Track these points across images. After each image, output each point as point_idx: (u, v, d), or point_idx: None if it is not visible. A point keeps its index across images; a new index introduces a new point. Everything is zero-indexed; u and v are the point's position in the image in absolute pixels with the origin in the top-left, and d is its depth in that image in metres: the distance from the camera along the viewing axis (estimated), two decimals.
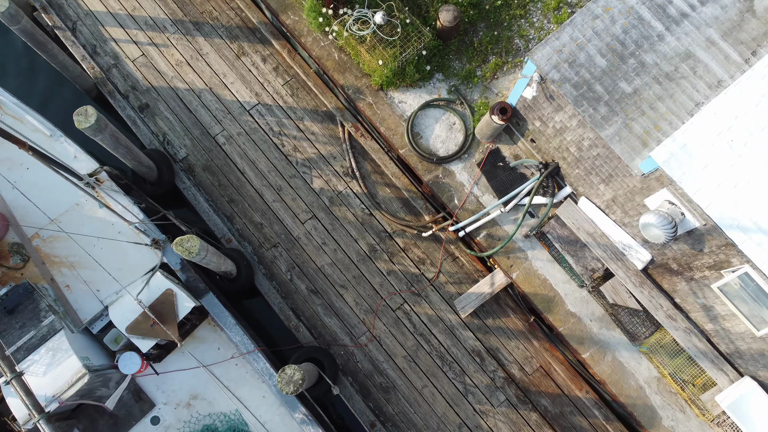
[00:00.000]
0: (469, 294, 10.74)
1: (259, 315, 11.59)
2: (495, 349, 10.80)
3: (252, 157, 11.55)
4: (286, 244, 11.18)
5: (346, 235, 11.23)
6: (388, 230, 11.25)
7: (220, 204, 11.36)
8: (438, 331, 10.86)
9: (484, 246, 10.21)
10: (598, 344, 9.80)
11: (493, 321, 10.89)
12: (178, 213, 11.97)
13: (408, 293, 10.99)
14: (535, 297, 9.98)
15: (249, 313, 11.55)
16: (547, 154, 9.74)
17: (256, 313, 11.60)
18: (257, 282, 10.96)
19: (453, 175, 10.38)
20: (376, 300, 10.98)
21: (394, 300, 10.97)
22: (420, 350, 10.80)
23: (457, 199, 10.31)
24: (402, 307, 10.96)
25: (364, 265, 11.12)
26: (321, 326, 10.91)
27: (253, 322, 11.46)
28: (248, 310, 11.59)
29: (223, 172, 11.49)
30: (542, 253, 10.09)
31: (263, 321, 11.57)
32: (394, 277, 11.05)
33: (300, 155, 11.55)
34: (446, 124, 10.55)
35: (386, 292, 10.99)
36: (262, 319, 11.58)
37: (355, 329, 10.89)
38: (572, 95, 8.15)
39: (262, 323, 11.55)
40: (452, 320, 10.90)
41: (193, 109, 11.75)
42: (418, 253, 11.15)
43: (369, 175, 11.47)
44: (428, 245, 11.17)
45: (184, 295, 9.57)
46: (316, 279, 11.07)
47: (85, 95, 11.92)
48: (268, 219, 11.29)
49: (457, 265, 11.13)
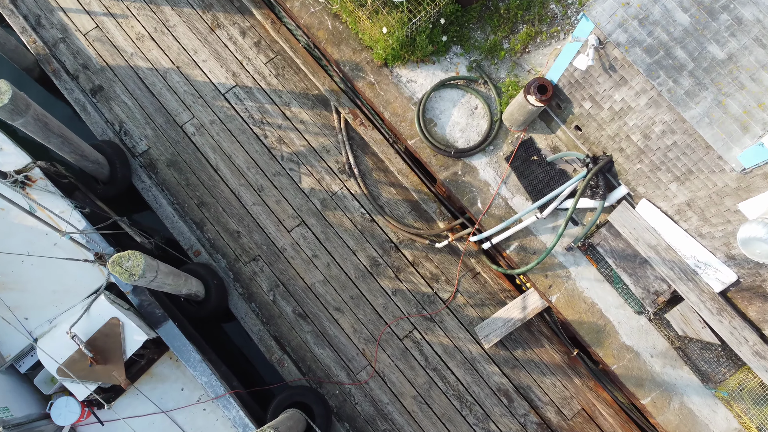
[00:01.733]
0: (494, 320, 8.67)
1: (234, 345, 9.51)
2: (526, 387, 8.72)
3: (228, 150, 9.48)
4: (268, 256, 9.11)
5: (342, 245, 9.16)
6: (394, 240, 9.18)
7: (187, 208, 9.28)
8: (455, 364, 8.78)
9: (514, 261, 8.13)
10: (661, 387, 7.72)
11: (523, 353, 8.81)
12: (136, 219, 9.89)
13: (418, 318, 8.92)
14: (580, 326, 7.90)
15: (223, 344, 9.47)
16: (597, 144, 7.66)
17: (231, 344, 9.51)
18: (232, 304, 8.89)
19: (475, 171, 8.31)
20: (379, 326, 8.91)
21: (402, 326, 8.90)
22: (433, 389, 8.72)
23: (481, 202, 8.24)
24: (411, 334, 8.89)
25: (364, 283, 9.04)
26: (311, 359, 8.83)
27: (228, 355, 9.38)
28: (221, 340, 9.51)
29: (192, 168, 9.43)
30: (589, 271, 8.00)
31: (239, 353, 9.49)
32: (401, 298, 8.98)
33: (286, 148, 9.48)
34: (466, 108, 8.47)
35: (391, 317, 8.92)
36: (238, 351, 9.50)
37: (353, 363, 8.82)
38: (644, 63, 6.07)
39: (238, 356, 9.47)
40: (473, 351, 8.83)
41: (156, 92, 9.68)
42: (430, 269, 9.08)
43: (370, 173, 9.40)
44: (443, 258, 9.10)
45: (133, 325, 7.49)
46: (305, 300, 9.00)
47: (24, 75, 9.86)
48: (246, 226, 9.22)
49: (479, 283, 9.05)
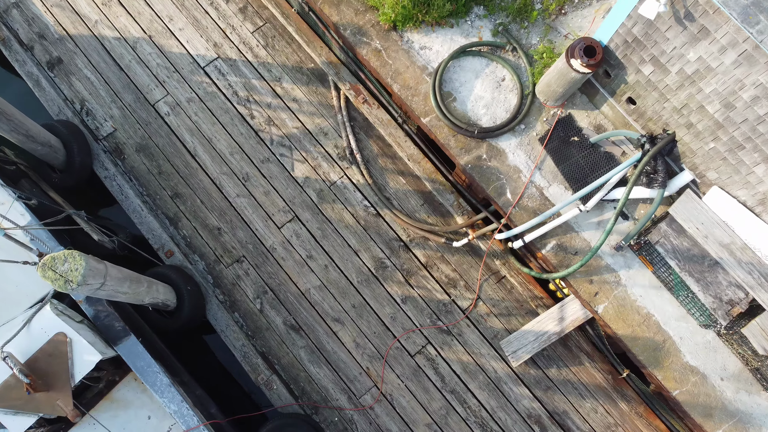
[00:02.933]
0: (524, 333, 7.26)
1: (214, 363, 8.08)
2: (562, 413, 7.31)
3: (208, 133, 8.07)
4: (254, 258, 7.69)
5: (342, 244, 7.75)
6: (403, 238, 7.77)
7: (159, 200, 7.86)
8: (477, 386, 7.37)
9: (551, 263, 6.72)
10: (734, 417, 6.31)
11: (558, 372, 7.40)
12: (105, 215, 8.47)
13: (433, 330, 7.51)
14: (632, 342, 6.49)
15: (200, 362, 8.03)
16: (655, 120, 6.27)
17: (211, 361, 8.08)
18: (210, 315, 7.46)
19: (503, 155, 6.91)
20: (387, 340, 7.50)
21: (413, 340, 7.49)
22: (451, 415, 7.31)
23: (511, 191, 6.83)
24: (424, 350, 7.48)
25: (368, 289, 7.63)
26: (305, 380, 7.41)
27: (207, 375, 7.95)
28: (199, 357, 8.07)
29: (166, 154, 8.00)
30: (643, 275, 6.60)
31: (220, 372, 8.05)
32: (413, 307, 7.57)
33: (276, 131, 8.07)
34: (491, 80, 7.07)
35: (401, 329, 7.52)
36: (219, 370, 8.06)
37: (356, 384, 7.40)
38: (737, 6, 4.68)
39: (219, 376, 8.03)
40: (498, 371, 7.42)
41: (124, 65, 8.26)
42: (447, 272, 7.67)
43: (375, 159, 7.99)
44: (462, 260, 7.69)
45: (84, 342, 6.06)
46: (299, 309, 7.59)
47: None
48: (228, 222, 7.80)
49: (505, 289, 7.64)
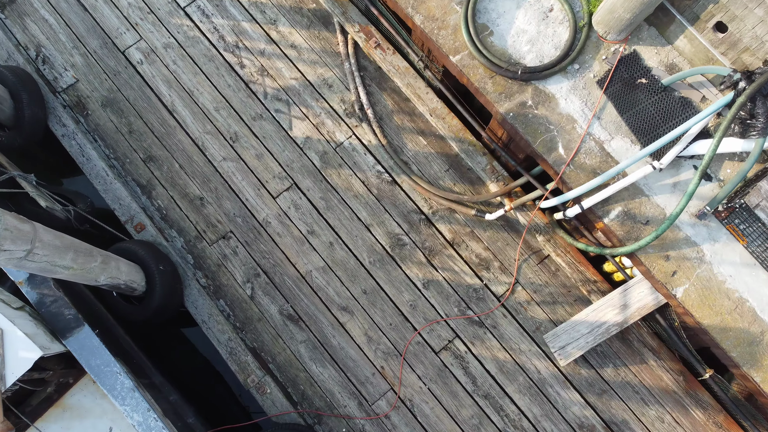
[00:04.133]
0: (575, 324, 5.91)
1: (196, 361, 6.73)
2: (621, 422, 5.96)
3: (188, 85, 6.71)
4: (244, 234, 6.34)
5: (351, 218, 6.39)
6: (425, 210, 6.41)
7: (129, 164, 6.51)
8: (517, 389, 6.02)
9: (617, 234, 5.34)
10: None
11: (615, 373, 6.04)
12: (63, 180, 7.13)
13: (462, 321, 6.16)
14: (721, 333, 5.12)
15: (178, 361, 6.67)
16: (753, 50, 4.89)
17: (190, 360, 6.73)
18: (189, 302, 6.11)
19: (553, 101, 5.54)
20: (405, 333, 6.15)
21: (438, 334, 6.14)
22: (485, 425, 5.96)
23: (563, 146, 5.46)
24: (451, 346, 6.12)
25: (382, 272, 6.28)
26: (305, 382, 6.06)
27: (186, 377, 6.59)
28: (176, 354, 6.71)
29: (138, 110, 6.65)
30: (733, 250, 5.23)
31: (202, 373, 6.70)
32: (437, 293, 6.21)
33: (271, 83, 6.71)
34: (536, 9, 5.70)
35: (422, 320, 6.16)
36: (201, 370, 6.71)
37: (368, 387, 6.06)
38: None
39: (201, 378, 6.67)
40: (542, 371, 6.07)
41: (89, 5, 6.91)
42: (477, 251, 6.31)
43: (390, 116, 6.63)
44: (496, 236, 6.33)
45: (20, 335, 4.71)
46: (298, 296, 6.23)
47: None
48: (213, 190, 6.45)
49: (548, 271, 6.28)
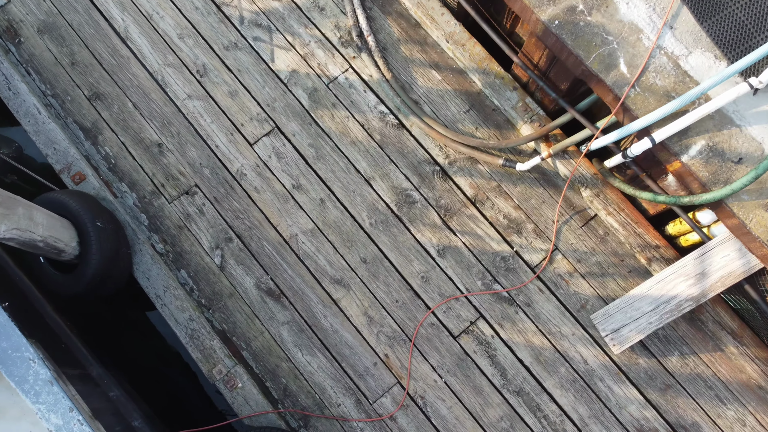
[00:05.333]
0: (632, 301, 4.62)
1: (155, 347, 5.41)
2: (691, 426, 4.67)
3: (146, 6, 5.41)
4: (213, 188, 5.05)
5: (348, 169, 5.10)
6: (440, 160, 5.12)
7: (70, 103, 5.21)
8: (557, 383, 4.73)
9: (699, 176, 4.05)
10: None
11: (682, 362, 4.75)
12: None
13: (487, 297, 4.86)
14: None
15: (130, 346, 5.36)
16: None
17: (146, 345, 5.41)
18: (140, 272, 4.80)
19: (610, 5, 4.25)
20: (416, 313, 4.85)
21: (457, 313, 4.84)
22: (518, 429, 4.67)
23: (626, 62, 4.17)
24: (474, 328, 4.82)
25: (386, 236, 4.99)
26: (288, 375, 4.76)
27: (139, 368, 5.28)
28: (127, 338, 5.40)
29: (83, 36, 5.35)
30: None
31: (161, 362, 5.39)
32: (455, 262, 4.92)
33: (248, 5, 5.42)
34: None
35: (437, 296, 4.87)
36: (161, 358, 5.40)
37: (368, 381, 4.76)
38: None
39: (159, 368, 5.36)
40: (589, 359, 4.77)
41: None
42: (506, 210, 5.02)
43: (396, 45, 5.34)
44: (530, 192, 5.05)
45: None
46: (280, 266, 4.94)
47: None
48: (175, 135, 5.15)
49: (596, 235, 4.99)
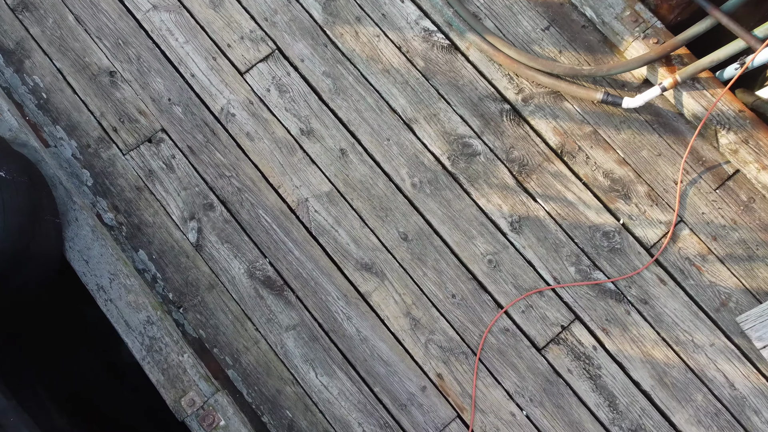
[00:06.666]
0: None
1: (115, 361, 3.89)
2: None
3: None
4: (187, 134, 3.53)
5: (379, 107, 3.57)
6: (510, 96, 3.58)
7: None
8: (691, 418, 3.18)
9: None
10: None
11: None
12: None
13: (584, 290, 3.33)
14: None
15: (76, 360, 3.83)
16: None
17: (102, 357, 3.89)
18: (73, 253, 3.26)
19: None
20: (482, 313, 3.31)
21: (541, 314, 3.30)
22: None
23: None
24: (567, 337, 3.28)
25: (435, 202, 3.45)
26: (296, 406, 3.22)
27: (90, 385, 3.75)
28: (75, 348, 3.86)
29: None
30: None
31: (124, 380, 3.87)
32: (536, 239, 3.38)
33: None
34: None
35: (511, 289, 3.32)
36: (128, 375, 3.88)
37: (414, 413, 3.21)
38: None
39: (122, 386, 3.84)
40: (738, 382, 3.22)
41: None
42: (606, 165, 3.48)
43: None
44: (640, 140, 3.51)
45: None
46: (282, 246, 3.39)
47: None
48: (134, 60, 3.63)
49: (737, 200, 3.45)
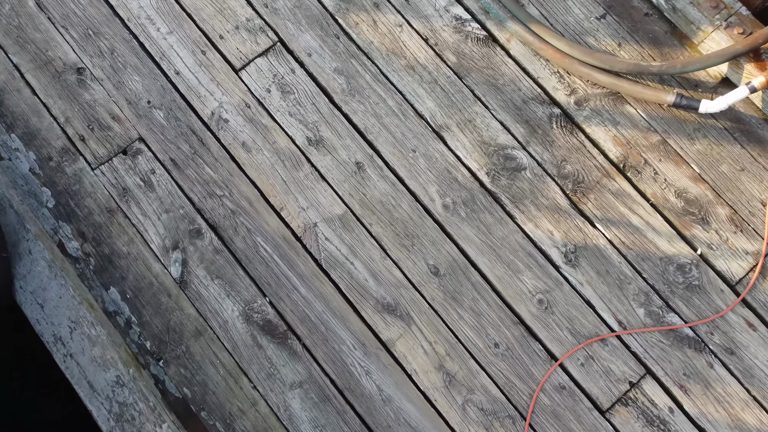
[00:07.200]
0: None
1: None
2: None
3: None
4: (171, 143, 2.89)
5: (402, 110, 2.91)
6: (560, 97, 2.87)
7: None
8: None
9: None
10: None
11: None
12: None
13: (657, 337, 2.58)
14: None
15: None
16: None
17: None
18: (25, 294, 2.68)
19: None
20: (530, 368, 2.58)
21: (605, 367, 2.53)
22: None
23: None
24: (636, 395, 2.51)
25: (471, 227, 2.75)
26: None
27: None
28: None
29: None
30: None
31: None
32: (594, 273, 2.62)
33: None
34: None
35: (567, 336, 2.61)
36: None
37: None
38: None
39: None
40: None
41: None
42: (679, 182, 2.71)
43: None
44: (719, 152, 2.72)
45: None
46: (285, 281, 2.73)
47: None
48: (107, 54, 2.98)
49: None
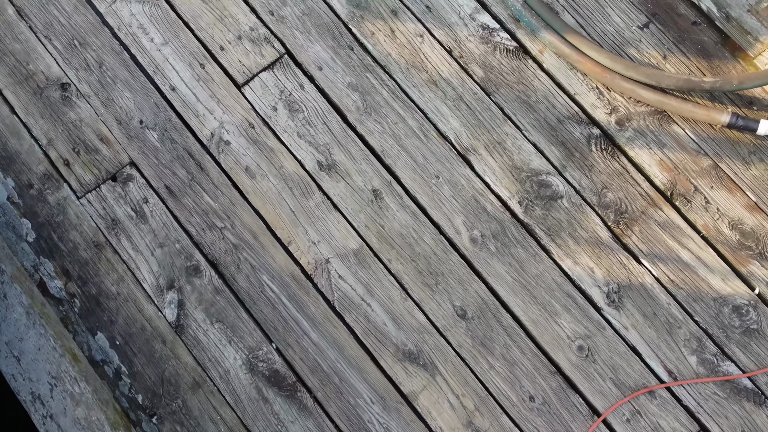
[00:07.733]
0: None
1: None
2: None
3: None
4: (165, 168, 2.53)
5: (423, 130, 2.58)
6: (599, 115, 2.60)
7: None
8: None
9: None
10: None
11: None
12: None
13: (711, 388, 2.37)
14: None
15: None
16: None
17: None
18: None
19: None
20: (570, 424, 2.35)
21: (653, 422, 2.26)
22: None
23: None
24: None
25: (502, 263, 2.44)
26: None
27: None
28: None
29: None
30: None
31: None
32: (641, 316, 2.38)
33: None
34: None
35: (610, 388, 2.36)
36: None
37: None
38: None
39: None
40: None
41: None
42: (733, 212, 2.45)
43: None
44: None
45: None
46: (294, 326, 2.43)
47: None
48: (94, 67, 2.61)
49: None
